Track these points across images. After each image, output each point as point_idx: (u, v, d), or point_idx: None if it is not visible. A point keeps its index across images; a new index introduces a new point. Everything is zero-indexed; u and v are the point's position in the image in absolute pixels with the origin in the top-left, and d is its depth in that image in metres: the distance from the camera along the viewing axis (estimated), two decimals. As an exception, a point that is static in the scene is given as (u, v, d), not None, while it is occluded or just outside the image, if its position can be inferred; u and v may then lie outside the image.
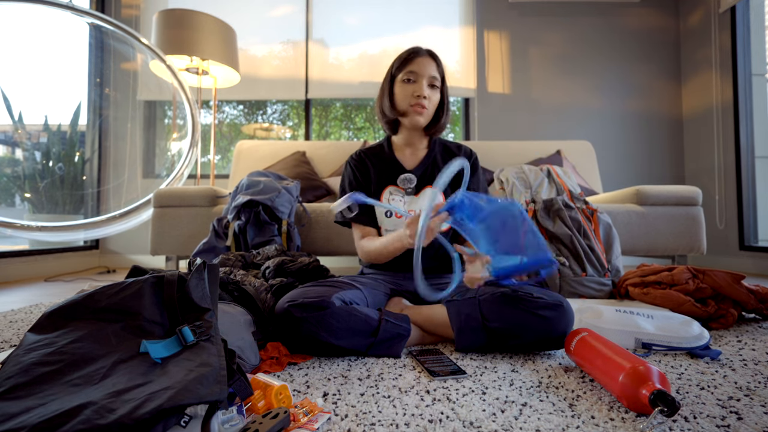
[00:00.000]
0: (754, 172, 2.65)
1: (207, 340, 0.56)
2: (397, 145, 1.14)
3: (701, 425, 0.57)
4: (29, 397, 0.47)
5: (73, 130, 2.81)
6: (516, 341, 0.87)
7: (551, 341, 0.87)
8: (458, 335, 0.90)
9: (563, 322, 0.86)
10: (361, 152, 1.16)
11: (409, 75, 1.02)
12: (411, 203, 1.08)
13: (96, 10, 2.99)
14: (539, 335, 0.86)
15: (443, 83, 1.06)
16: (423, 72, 1.01)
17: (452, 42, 3.12)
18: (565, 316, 0.86)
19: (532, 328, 0.86)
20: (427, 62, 1.01)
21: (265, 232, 1.53)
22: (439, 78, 1.03)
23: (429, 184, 1.10)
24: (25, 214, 2.69)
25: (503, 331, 0.87)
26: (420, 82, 1.01)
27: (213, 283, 0.65)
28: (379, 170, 1.12)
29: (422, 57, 1.02)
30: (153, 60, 2.41)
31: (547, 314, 0.85)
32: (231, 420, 0.51)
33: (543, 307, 0.86)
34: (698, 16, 2.98)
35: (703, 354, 0.87)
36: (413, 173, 1.10)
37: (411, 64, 1.01)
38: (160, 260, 2.85)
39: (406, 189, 1.09)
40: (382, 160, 1.13)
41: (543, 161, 2.33)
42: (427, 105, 1.02)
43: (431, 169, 1.11)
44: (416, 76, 1.02)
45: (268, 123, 3.45)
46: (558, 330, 0.86)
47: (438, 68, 1.03)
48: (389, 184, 1.10)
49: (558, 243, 1.53)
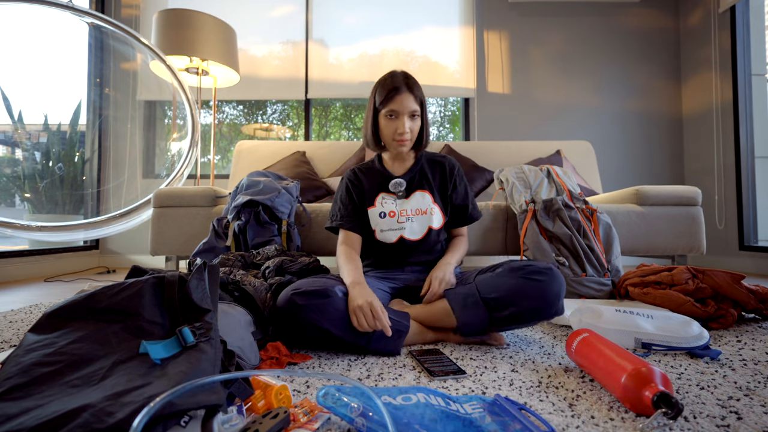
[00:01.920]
0: (753, 172, 2.65)
1: (207, 342, 0.56)
2: (387, 161, 1.24)
3: (701, 425, 0.57)
4: (28, 398, 0.46)
5: (73, 130, 2.81)
6: (514, 309, 0.91)
7: (546, 307, 0.91)
8: (460, 313, 0.95)
9: (555, 285, 0.92)
10: (356, 169, 1.27)
11: (391, 113, 1.10)
12: (402, 205, 1.17)
13: (96, 10, 2.99)
14: (534, 301, 0.90)
15: (423, 105, 1.15)
16: (403, 110, 1.09)
17: (452, 42, 3.12)
18: (556, 279, 0.92)
19: (527, 293, 0.91)
20: (406, 99, 1.09)
21: (265, 232, 1.52)
22: (418, 108, 1.11)
23: (418, 188, 1.19)
24: (25, 214, 2.69)
25: (500, 301, 0.92)
26: (401, 119, 1.10)
27: (213, 283, 0.65)
28: (371, 181, 1.22)
29: (402, 94, 1.09)
30: (153, 60, 2.41)
31: (539, 278, 0.92)
32: (231, 420, 0.51)
33: (534, 272, 0.93)
34: (698, 16, 2.97)
35: (703, 354, 0.87)
36: (402, 178, 1.20)
37: (392, 102, 1.09)
38: (160, 260, 2.85)
39: (397, 192, 1.18)
40: (374, 174, 1.23)
41: (543, 161, 2.33)
42: (408, 137, 1.11)
43: (419, 175, 1.21)
44: (397, 114, 1.10)
45: (267, 123, 3.45)
46: (551, 293, 0.91)
47: (416, 99, 1.11)
48: (381, 191, 1.19)
49: (558, 243, 1.53)
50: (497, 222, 1.76)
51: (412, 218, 1.15)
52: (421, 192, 1.18)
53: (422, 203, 1.17)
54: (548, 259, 1.49)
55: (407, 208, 1.16)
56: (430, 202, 1.17)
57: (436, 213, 1.17)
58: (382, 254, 1.19)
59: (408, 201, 1.17)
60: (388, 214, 1.16)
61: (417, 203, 1.17)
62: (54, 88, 2.92)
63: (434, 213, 1.16)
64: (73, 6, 2.27)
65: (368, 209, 1.18)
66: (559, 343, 0.98)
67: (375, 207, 1.18)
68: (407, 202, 1.17)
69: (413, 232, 1.15)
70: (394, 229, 1.15)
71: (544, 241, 1.54)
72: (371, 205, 1.18)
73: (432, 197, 1.18)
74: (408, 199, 1.18)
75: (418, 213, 1.16)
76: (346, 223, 1.17)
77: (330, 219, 1.22)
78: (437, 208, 1.17)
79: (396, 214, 1.16)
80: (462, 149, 2.51)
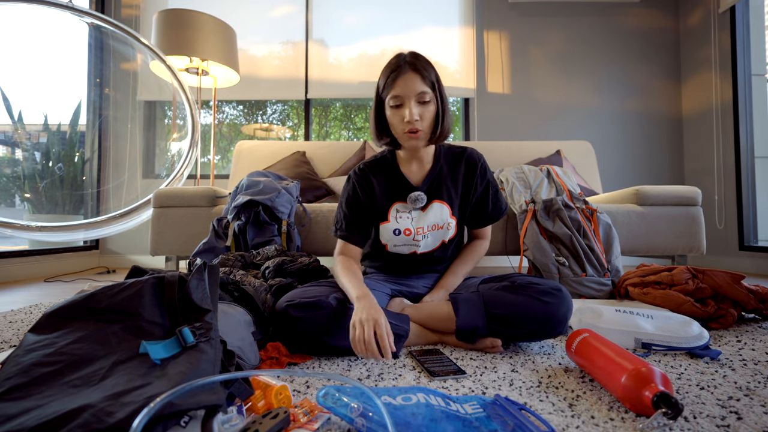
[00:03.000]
0: (753, 172, 2.65)
1: (207, 342, 0.56)
2: (402, 159, 1.09)
3: (701, 425, 0.57)
4: (28, 398, 0.46)
5: (73, 130, 2.81)
6: (519, 329, 0.89)
7: (551, 329, 0.88)
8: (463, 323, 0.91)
9: (563, 308, 0.88)
10: (365, 167, 1.10)
11: (396, 100, 0.95)
12: (419, 219, 1.07)
13: (96, 10, 2.99)
14: (541, 322, 0.87)
15: (437, 88, 0.98)
16: (408, 93, 0.93)
17: (452, 42, 3.12)
18: (564, 302, 0.89)
19: (535, 314, 0.87)
20: (411, 79, 0.93)
21: (265, 232, 1.52)
22: (428, 90, 0.95)
23: (436, 197, 1.07)
24: (25, 214, 2.69)
25: (506, 319, 0.89)
26: (408, 105, 0.94)
27: (213, 283, 0.65)
28: (385, 187, 1.08)
29: (405, 75, 0.93)
30: (153, 60, 2.41)
31: (548, 300, 0.88)
32: (231, 420, 0.51)
33: (543, 293, 0.89)
34: (698, 16, 2.97)
35: (703, 354, 0.87)
36: (420, 188, 1.07)
37: (395, 86, 0.94)
38: (160, 260, 2.84)
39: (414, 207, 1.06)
40: (387, 176, 1.09)
41: (543, 161, 2.33)
42: (420, 126, 0.95)
43: (438, 181, 1.08)
44: (402, 99, 0.94)
45: (267, 123, 3.45)
46: (559, 316, 0.88)
47: (424, 80, 0.95)
48: (396, 200, 1.07)
49: (558, 243, 1.53)
50: (497, 222, 1.75)
51: (427, 235, 1.07)
52: (440, 204, 1.07)
53: (440, 218, 1.07)
54: (548, 259, 1.49)
55: (424, 225, 1.06)
56: (448, 215, 1.07)
57: (452, 227, 1.08)
58: (391, 262, 1.14)
59: (425, 215, 1.06)
60: (403, 232, 1.07)
61: (434, 218, 1.06)
62: (54, 88, 2.92)
63: (450, 228, 1.08)
64: (73, 6, 2.27)
65: (381, 224, 1.08)
66: (559, 343, 0.98)
67: (389, 222, 1.07)
68: (424, 216, 1.06)
69: (426, 246, 1.09)
70: (408, 244, 1.08)
71: (544, 241, 1.54)
72: (384, 220, 1.08)
73: (450, 210, 1.07)
74: (425, 212, 1.07)
75: (435, 228, 1.07)
76: (349, 236, 1.07)
77: (334, 225, 1.12)
78: (454, 222, 1.08)
79: (412, 232, 1.06)
80: (462, 149, 2.50)
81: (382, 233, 1.09)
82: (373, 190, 1.09)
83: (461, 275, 1.12)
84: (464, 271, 1.13)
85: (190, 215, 1.79)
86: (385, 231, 1.08)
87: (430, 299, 1.05)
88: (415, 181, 1.08)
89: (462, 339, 0.93)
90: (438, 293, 1.07)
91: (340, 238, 1.08)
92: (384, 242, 1.09)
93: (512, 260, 1.88)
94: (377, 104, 1.02)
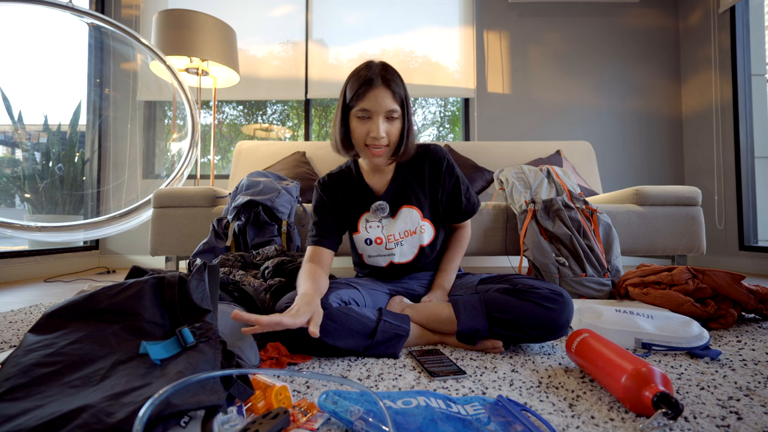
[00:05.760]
0: (753, 172, 2.65)
1: (206, 342, 0.56)
2: (365, 169, 1.08)
3: (701, 425, 0.56)
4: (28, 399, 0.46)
5: (73, 131, 2.81)
6: (521, 335, 0.89)
7: (552, 334, 0.88)
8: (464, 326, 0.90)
9: (565, 314, 0.88)
10: (329, 179, 1.10)
11: (364, 113, 0.92)
12: (389, 227, 1.06)
13: (96, 10, 2.99)
14: (542, 328, 0.87)
15: (405, 105, 0.96)
16: (378, 109, 0.91)
17: (452, 42, 3.12)
18: (567, 307, 0.89)
19: (536, 319, 0.87)
20: (382, 95, 0.91)
21: (265, 232, 1.52)
22: (398, 108, 0.93)
23: (404, 202, 1.06)
24: (25, 214, 2.69)
25: (508, 323, 0.88)
26: (375, 120, 0.92)
27: (213, 284, 0.65)
28: (349, 198, 1.08)
29: (375, 89, 0.90)
30: (153, 60, 2.41)
31: (550, 305, 0.87)
32: (231, 420, 0.51)
33: (545, 298, 0.88)
34: (698, 16, 2.98)
35: (703, 354, 0.87)
36: (383, 197, 1.06)
37: (364, 99, 0.91)
38: (159, 261, 2.85)
39: (379, 218, 1.06)
40: (351, 187, 1.08)
41: (543, 161, 2.33)
42: (384, 143, 0.94)
43: (402, 186, 1.07)
44: (371, 114, 0.92)
45: (267, 123, 3.45)
46: (561, 321, 0.88)
47: (395, 96, 0.92)
48: (364, 211, 1.08)
49: (557, 243, 1.53)
50: (497, 222, 1.76)
51: (401, 242, 1.06)
52: (408, 209, 1.06)
53: (410, 222, 1.06)
54: (548, 260, 1.49)
55: (395, 233, 1.05)
56: (419, 218, 1.06)
57: (426, 229, 1.07)
58: (375, 272, 1.15)
59: (394, 222, 1.06)
60: (374, 241, 1.06)
61: (405, 223, 1.05)
62: (54, 89, 2.91)
63: (425, 230, 1.06)
64: (73, 6, 2.27)
65: (353, 235, 1.09)
66: (559, 343, 0.98)
67: (359, 233, 1.07)
68: (393, 223, 1.06)
69: (403, 254, 1.08)
70: (382, 255, 1.08)
71: (544, 241, 1.54)
72: (355, 231, 1.09)
73: (421, 213, 1.06)
74: (394, 219, 1.06)
75: (407, 234, 1.06)
76: (321, 240, 1.04)
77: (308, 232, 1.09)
78: (427, 224, 1.07)
79: (383, 240, 1.06)
80: (462, 149, 2.51)
81: (357, 244, 1.10)
82: (338, 200, 1.08)
83: (454, 269, 1.14)
84: (456, 264, 1.14)
85: (190, 215, 1.79)
86: (358, 241, 1.09)
87: (429, 299, 1.05)
88: (378, 190, 1.07)
89: (463, 341, 0.93)
90: (436, 293, 1.08)
91: (311, 244, 1.05)
92: (360, 252, 1.10)
93: (512, 260, 1.88)
94: (342, 113, 0.97)
